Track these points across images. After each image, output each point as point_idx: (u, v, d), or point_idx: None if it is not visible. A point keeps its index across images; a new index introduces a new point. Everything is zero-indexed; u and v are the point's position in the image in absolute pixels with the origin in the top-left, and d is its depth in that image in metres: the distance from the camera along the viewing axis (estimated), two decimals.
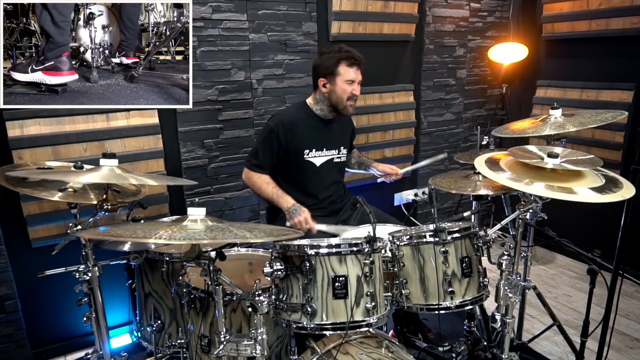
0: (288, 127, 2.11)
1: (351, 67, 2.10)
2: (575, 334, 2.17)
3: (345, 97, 2.11)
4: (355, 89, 2.13)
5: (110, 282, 2.19)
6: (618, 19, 2.93)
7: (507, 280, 1.59)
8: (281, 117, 2.16)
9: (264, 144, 2.13)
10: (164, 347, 1.91)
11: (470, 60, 3.53)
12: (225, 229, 1.29)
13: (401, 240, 1.55)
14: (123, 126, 2.32)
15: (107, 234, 1.37)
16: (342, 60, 2.09)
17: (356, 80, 2.13)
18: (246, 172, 2.18)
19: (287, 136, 2.11)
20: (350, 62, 2.09)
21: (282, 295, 1.43)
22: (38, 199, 1.95)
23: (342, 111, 2.16)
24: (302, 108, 2.21)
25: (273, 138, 2.11)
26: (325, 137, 2.22)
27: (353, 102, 2.15)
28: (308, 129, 2.16)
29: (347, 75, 2.09)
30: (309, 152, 2.17)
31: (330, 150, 2.24)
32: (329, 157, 2.24)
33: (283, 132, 2.10)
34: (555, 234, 1.89)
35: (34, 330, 2.32)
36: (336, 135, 2.27)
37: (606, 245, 1.86)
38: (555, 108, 2.01)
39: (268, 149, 2.12)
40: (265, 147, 2.13)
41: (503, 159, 1.75)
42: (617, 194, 1.46)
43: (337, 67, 2.09)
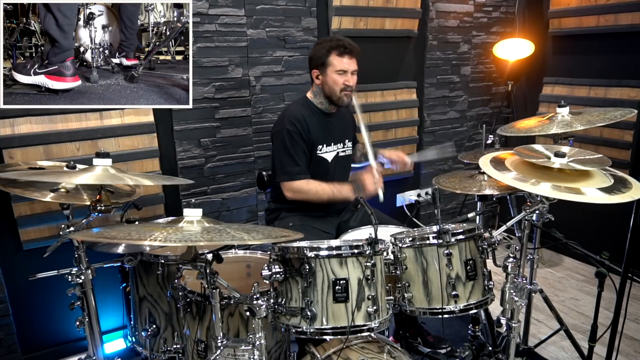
0: (302, 122, 2.09)
1: (342, 56, 2.07)
2: (583, 339, 2.17)
3: (338, 88, 2.09)
4: (349, 79, 2.09)
5: (104, 285, 2.19)
6: (627, 14, 2.93)
7: (512, 284, 1.59)
8: (291, 116, 2.11)
9: (293, 148, 2.06)
10: (159, 353, 1.91)
11: (475, 56, 3.53)
12: (222, 230, 1.29)
13: (404, 242, 1.54)
14: (117, 125, 2.32)
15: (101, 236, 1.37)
16: (333, 49, 2.07)
17: (349, 70, 2.09)
18: (290, 185, 2.08)
19: (305, 131, 2.09)
20: (340, 51, 2.07)
21: (281, 299, 1.43)
22: (29, 199, 1.95)
23: (337, 102, 2.15)
24: (305, 103, 2.21)
25: (297, 138, 2.07)
26: (330, 131, 2.22)
27: (349, 92, 2.12)
28: (316, 124, 2.16)
29: (338, 65, 2.07)
30: (321, 148, 2.17)
31: (337, 144, 2.24)
32: (336, 151, 2.24)
33: (301, 127, 2.08)
34: (562, 235, 1.89)
35: (25, 335, 2.32)
36: (339, 127, 2.27)
37: (615, 247, 1.86)
38: (562, 106, 2.01)
39: (300, 151, 2.08)
40: (296, 150, 2.07)
41: (509, 159, 1.75)
42: (626, 194, 1.46)
43: (327, 57, 2.08)
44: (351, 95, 2.14)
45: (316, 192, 2.07)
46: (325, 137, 2.18)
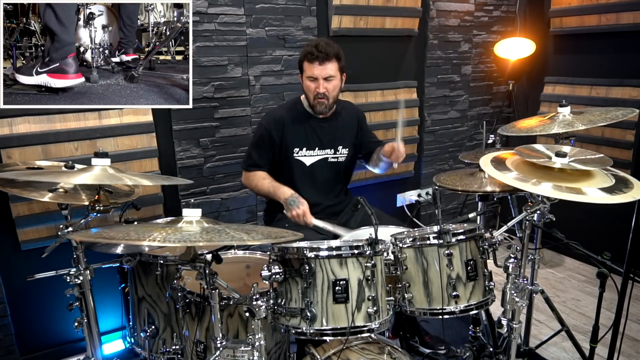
0: (279, 123, 2.13)
1: (312, 62, 2.01)
2: (584, 340, 2.17)
3: (311, 95, 2.07)
4: (319, 86, 2.02)
5: (103, 286, 2.19)
6: (629, 13, 2.93)
7: (513, 284, 1.59)
8: (272, 115, 2.20)
9: (257, 143, 2.18)
10: (158, 354, 1.91)
11: (476, 56, 3.53)
12: (221, 230, 1.29)
13: (404, 243, 1.54)
14: (116, 124, 2.32)
15: (99, 236, 1.37)
16: (306, 54, 2.04)
17: (319, 77, 2.02)
18: (244, 174, 2.23)
19: (278, 133, 2.13)
20: (310, 58, 2.01)
21: (281, 300, 1.43)
22: (27, 199, 1.95)
23: (314, 109, 2.13)
24: (294, 105, 2.22)
25: (265, 135, 2.14)
26: (317, 135, 2.20)
27: (323, 99, 2.06)
28: (298, 127, 2.16)
29: (308, 71, 2.05)
30: (298, 151, 2.18)
31: (325, 149, 2.22)
32: (322, 156, 2.22)
33: (275, 128, 2.13)
34: (563, 236, 1.89)
35: (23, 336, 2.32)
36: (333, 133, 2.24)
37: (616, 247, 1.86)
38: (563, 105, 2.01)
39: (262, 146, 2.16)
40: (259, 144, 2.17)
41: (509, 159, 1.75)
42: (628, 194, 1.46)
43: (302, 63, 2.07)
44: (326, 103, 2.07)
45: (256, 185, 2.17)
46: (307, 141, 2.17)
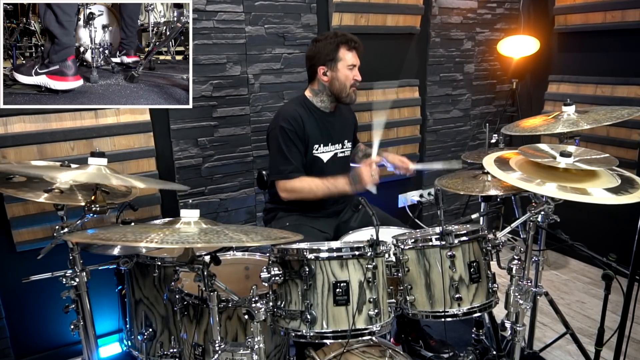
0: (298, 120, 2.10)
1: (351, 51, 2.13)
2: (589, 343, 2.17)
3: (349, 83, 2.14)
4: (357, 74, 2.16)
5: (99, 288, 2.19)
6: (635, 10, 2.92)
7: (517, 286, 1.59)
8: (286, 114, 2.12)
9: (287, 146, 2.07)
10: (155, 357, 1.91)
11: (479, 54, 3.53)
12: (220, 232, 1.29)
13: (406, 244, 1.55)
14: (112, 124, 2.32)
15: (96, 237, 1.37)
16: (342, 44, 2.11)
17: (357, 65, 2.15)
18: (284, 185, 2.08)
19: (300, 130, 2.10)
20: (349, 46, 2.12)
21: (280, 302, 1.43)
22: (23, 200, 1.95)
23: (345, 99, 2.17)
24: (302, 102, 2.21)
25: (292, 136, 2.07)
26: (328, 131, 2.21)
27: (355, 88, 2.17)
28: (313, 122, 2.16)
29: (350, 60, 2.12)
30: (317, 147, 2.17)
31: (335, 144, 2.25)
32: (334, 151, 2.24)
33: (296, 125, 2.09)
34: (568, 237, 1.89)
35: (18, 339, 2.32)
36: (338, 127, 2.27)
37: (622, 249, 1.86)
38: (568, 104, 2.01)
39: (293, 149, 2.08)
40: (289, 148, 2.07)
41: (513, 158, 1.75)
42: (634, 194, 1.46)
43: (337, 53, 2.10)
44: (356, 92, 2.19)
45: (310, 190, 2.06)
46: (323, 137, 2.18)
